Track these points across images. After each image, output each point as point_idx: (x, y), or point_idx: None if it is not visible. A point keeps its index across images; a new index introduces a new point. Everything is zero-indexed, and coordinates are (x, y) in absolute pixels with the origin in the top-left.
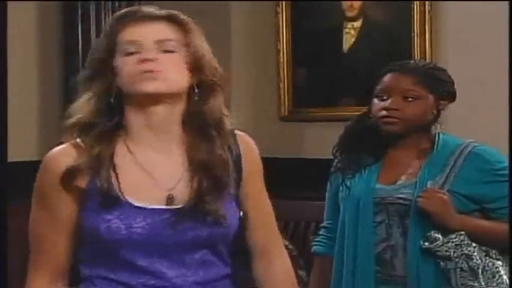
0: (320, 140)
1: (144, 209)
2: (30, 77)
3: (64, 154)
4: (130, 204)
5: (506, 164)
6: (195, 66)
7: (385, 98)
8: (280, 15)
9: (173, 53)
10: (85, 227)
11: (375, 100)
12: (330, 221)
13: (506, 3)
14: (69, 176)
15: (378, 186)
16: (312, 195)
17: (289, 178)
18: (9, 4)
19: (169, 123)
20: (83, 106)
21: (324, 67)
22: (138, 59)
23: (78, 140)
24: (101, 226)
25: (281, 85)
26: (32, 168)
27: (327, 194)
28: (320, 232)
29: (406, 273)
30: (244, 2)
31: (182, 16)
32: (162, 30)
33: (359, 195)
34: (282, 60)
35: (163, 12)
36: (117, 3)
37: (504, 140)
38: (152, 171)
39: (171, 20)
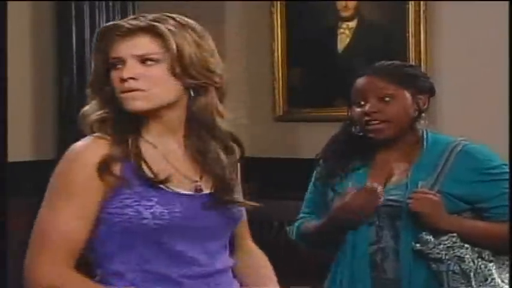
0: (315, 140)
1: (181, 194)
2: (24, 77)
3: (95, 145)
4: (168, 191)
5: (498, 162)
6: (182, 71)
7: (362, 103)
8: (274, 15)
9: (157, 65)
10: (120, 215)
11: (354, 107)
12: (307, 214)
13: (501, 3)
14: (104, 165)
15: None
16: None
17: (283, 178)
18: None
19: (173, 126)
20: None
21: (318, 67)
22: (119, 78)
23: (99, 134)
24: (145, 212)
25: (276, 85)
26: (26, 168)
27: (313, 198)
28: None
29: (396, 276)
30: (239, 2)
31: (161, 24)
32: (142, 44)
33: None
34: (276, 60)
35: (143, 23)
36: (110, 3)
37: (500, 138)
38: (174, 163)
39: (151, 30)
